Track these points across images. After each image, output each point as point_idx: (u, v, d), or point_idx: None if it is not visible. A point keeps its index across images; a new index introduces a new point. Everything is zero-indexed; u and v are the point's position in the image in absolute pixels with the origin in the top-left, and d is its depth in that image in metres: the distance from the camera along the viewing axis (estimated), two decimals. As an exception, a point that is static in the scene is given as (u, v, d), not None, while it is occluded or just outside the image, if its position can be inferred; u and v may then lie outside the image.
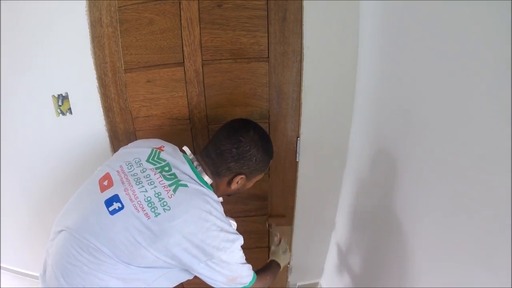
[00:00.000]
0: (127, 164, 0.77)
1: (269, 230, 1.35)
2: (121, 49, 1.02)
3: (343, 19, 1.02)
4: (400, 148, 0.86)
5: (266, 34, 1.01)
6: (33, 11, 0.97)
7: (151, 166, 0.77)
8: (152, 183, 0.73)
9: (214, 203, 0.75)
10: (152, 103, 1.09)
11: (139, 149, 0.82)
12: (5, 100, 1.10)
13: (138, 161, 0.78)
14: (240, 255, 0.79)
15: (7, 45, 1.02)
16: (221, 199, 0.83)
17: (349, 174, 1.25)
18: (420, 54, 0.73)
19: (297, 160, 1.21)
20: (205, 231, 0.70)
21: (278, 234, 1.20)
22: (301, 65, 1.06)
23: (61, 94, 1.08)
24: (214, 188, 0.81)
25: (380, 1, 0.90)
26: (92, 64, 1.03)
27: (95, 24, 0.99)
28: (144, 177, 0.74)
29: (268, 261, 1.10)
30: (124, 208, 0.69)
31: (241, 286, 0.81)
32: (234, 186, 0.82)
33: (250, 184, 0.87)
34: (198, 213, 0.71)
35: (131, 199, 0.70)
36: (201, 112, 1.10)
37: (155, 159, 0.79)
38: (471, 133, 0.58)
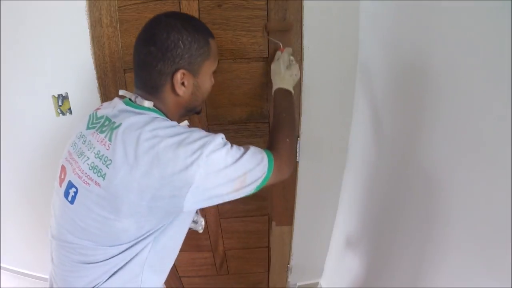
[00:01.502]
0: (72, 145, 0.69)
1: (269, 39, 0.99)
2: (121, 49, 1.02)
3: (343, 19, 1.02)
4: (400, 148, 0.86)
5: (266, 34, 1.01)
6: (33, 11, 0.97)
7: (92, 131, 0.66)
8: (92, 146, 0.63)
9: (158, 123, 0.61)
10: (152, 103, 1.09)
11: (80, 124, 0.72)
12: (5, 100, 1.10)
13: (80, 134, 0.68)
14: (224, 154, 0.61)
15: (7, 45, 1.01)
16: (186, 122, 0.74)
17: (349, 174, 1.25)
18: (420, 54, 0.73)
19: (297, 160, 1.21)
20: (158, 162, 0.56)
21: (280, 44, 0.94)
22: (301, 65, 1.06)
23: (61, 94, 1.08)
24: (162, 108, 0.67)
25: (380, 1, 0.90)
26: (92, 64, 1.03)
27: (95, 24, 0.99)
28: (85, 146, 0.65)
29: (272, 93, 0.87)
30: (78, 191, 0.61)
31: (261, 181, 0.66)
32: (181, 90, 0.66)
33: (203, 79, 0.70)
34: (140, 147, 0.57)
35: (79, 176, 0.62)
36: (201, 112, 1.10)
37: (93, 122, 0.68)
38: (471, 135, 0.58)
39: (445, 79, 0.64)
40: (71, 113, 1.10)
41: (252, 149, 0.67)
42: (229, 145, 0.64)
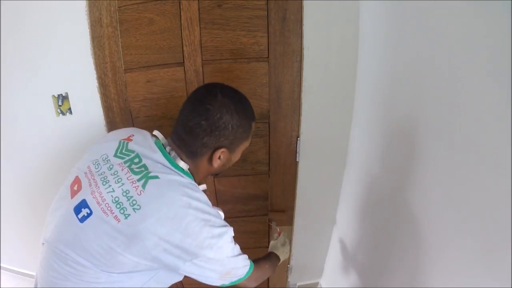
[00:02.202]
0: (94, 163, 0.70)
1: (269, 225, 1.33)
2: (121, 49, 1.02)
3: (343, 19, 1.02)
4: (400, 148, 0.86)
5: (266, 34, 1.01)
6: (33, 11, 0.97)
7: (119, 161, 0.68)
8: (120, 180, 0.65)
9: (193, 192, 0.66)
10: (152, 103, 1.09)
11: (107, 143, 0.74)
12: (5, 100, 1.10)
13: (106, 158, 0.70)
14: (230, 248, 0.71)
15: (7, 45, 1.01)
16: (204, 186, 0.77)
17: (349, 174, 1.25)
18: (421, 54, 0.73)
19: (297, 160, 1.21)
20: (184, 229, 0.62)
21: (278, 228, 1.17)
22: (301, 65, 1.06)
23: (61, 94, 1.08)
24: (194, 172, 0.73)
25: (380, 1, 0.90)
26: (92, 64, 1.03)
27: (95, 24, 0.99)
28: (111, 174, 0.66)
29: (268, 251, 1.05)
30: (92, 214, 0.63)
31: (237, 279, 0.75)
32: (216, 163, 0.72)
33: (236, 155, 0.77)
34: (173, 209, 0.62)
35: (98, 203, 0.63)
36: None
37: (123, 151, 0.70)
38: (472, 135, 0.58)
39: (446, 77, 0.64)
40: (71, 113, 1.10)
41: (245, 255, 0.77)
42: (233, 241, 0.73)
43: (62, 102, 1.09)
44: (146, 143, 0.71)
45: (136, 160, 0.68)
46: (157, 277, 0.69)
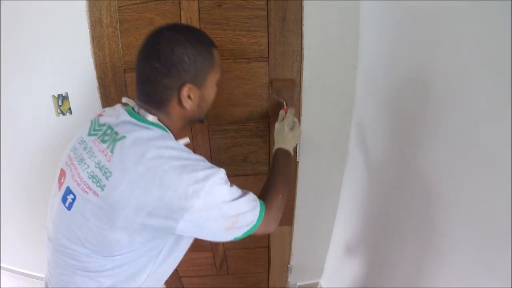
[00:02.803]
0: (72, 149, 0.68)
1: (272, 95, 1.04)
2: (121, 49, 1.02)
3: (343, 19, 1.02)
4: (400, 148, 0.86)
5: (266, 34, 1.01)
6: (33, 11, 0.97)
7: (93, 138, 0.65)
8: (93, 154, 0.62)
9: (163, 142, 0.61)
10: (152, 103, 1.09)
11: (81, 128, 0.71)
12: (5, 100, 1.10)
13: (81, 140, 0.67)
14: (225, 191, 0.63)
15: (7, 45, 1.01)
16: (187, 139, 0.72)
17: (349, 174, 1.25)
18: (421, 54, 0.73)
19: (297, 160, 1.21)
20: (160, 183, 0.57)
21: (284, 103, 0.96)
22: (301, 65, 1.06)
23: (61, 94, 1.08)
24: (167, 123, 0.68)
25: (380, 1, 0.90)
26: (92, 64, 1.03)
27: (95, 24, 0.99)
28: (86, 153, 0.64)
29: (273, 151, 0.88)
30: (76, 198, 0.61)
31: (249, 228, 0.66)
32: (187, 103, 0.66)
33: (209, 91, 0.70)
34: (143, 165, 0.57)
35: (78, 184, 0.61)
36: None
37: (95, 128, 0.67)
38: (471, 135, 0.58)
39: (447, 77, 0.64)
40: (71, 113, 1.10)
41: (250, 195, 0.68)
42: (229, 183, 0.66)
43: (62, 102, 1.09)
44: (115, 113, 0.68)
45: (109, 131, 0.64)
46: (165, 248, 0.66)
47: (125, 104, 0.71)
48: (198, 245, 1.36)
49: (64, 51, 1.02)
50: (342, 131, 1.20)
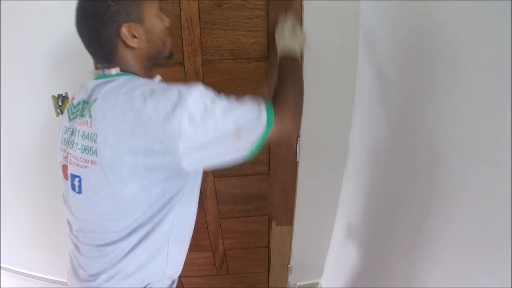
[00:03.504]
0: (62, 142, 0.70)
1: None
2: (121, 49, 1.01)
3: (343, 19, 1.02)
4: (400, 148, 0.86)
5: (266, 34, 1.01)
6: (33, 11, 0.97)
7: (74, 121, 0.67)
8: (78, 132, 0.63)
9: (132, 82, 0.61)
10: (152, 103, 1.09)
11: (62, 121, 0.72)
12: (5, 100, 1.10)
13: (66, 129, 0.69)
14: (211, 102, 0.58)
15: (7, 45, 1.01)
16: (158, 77, 0.71)
17: (349, 174, 1.25)
18: (421, 54, 0.73)
19: (297, 160, 1.21)
20: (140, 120, 0.56)
21: (283, 10, 0.89)
22: (301, 65, 1.06)
23: (61, 94, 1.08)
24: (131, 69, 0.67)
25: (380, 0, 0.90)
26: (92, 64, 1.03)
27: (95, 24, 0.98)
28: (73, 135, 0.65)
29: (277, 61, 0.81)
30: (81, 178, 0.63)
31: (259, 133, 0.60)
32: (134, 42, 0.64)
33: (152, 21, 0.67)
34: (119, 109, 0.57)
35: (77, 164, 0.63)
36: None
37: (73, 111, 0.68)
38: (472, 135, 0.58)
39: (447, 77, 0.64)
40: (71, 113, 1.10)
41: (248, 99, 0.62)
42: (214, 93, 0.61)
43: (62, 102, 1.09)
44: (84, 87, 0.69)
45: (85, 106, 0.65)
46: (183, 186, 0.66)
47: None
48: (198, 245, 1.37)
49: (64, 51, 1.02)
50: (342, 131, 1.19)
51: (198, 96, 0.58)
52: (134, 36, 0.64)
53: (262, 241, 1.40)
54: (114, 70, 0.65)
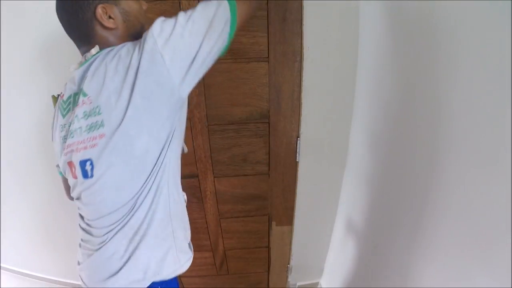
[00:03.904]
0: (62, 139, 0.70)
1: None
2: (121, 49, 1.02)
3: (343, 19, 1.02)
4: (399, 148, 0.86)
5: (266, 34, 1.01)
6: (33, 11, 0.97)
7: (68, 115, 0.68)
8: (77, 119, 0.64)
9: (112, 49, 0.63)
10: (152, 103, 1.09)
11: (54, 122, 0.74)
12: (5, 100, 1.10)
13: (62, 126, 0.70)
14: (174, 20, 0.60)
15: (7, 45, 1.02)
16: None
17: (349, 174, 1.25)
18: (421, 54, 0.73)
19: (297, 160, 1.21)
20: (130, 64, 0.59)
21: None
22: (301, 65, 1.06)
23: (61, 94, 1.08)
24: (112, 44, 0.67)
25: (380, 1, 0.90)
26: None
27: (95, 24, 0.99)
28: (72, 126, 0.66)
29: None
30: (92, 160, 0.63)
31: (230, 22, 0.63)
32: (111, 22, 0.66)
33: (128, 3, 0.69)
34: (110, 71, 0.60)
35: (85, 147, 0.63)
36: (201, 112, 1.10)
37: (64, 107, 0.69)
38: (471, 134, 0.58)
39: (447, 77, 0.64)
40: (71, 113, 1.10)
41: (201, 2, 0.65)
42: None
43: (62, 102, 1.09)
44: (71, 82, 0.70)
45: (76, 96, 0.66)
46: (175, 121, 0.66)
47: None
48: (198, 245, 1.37)
49: (64, 51, 1.02)
50: (342, 131, 1.20)
51: (163, 20, 0.61)
52: (110, 17, 0.66)
53: (262, 241, 1.40)
54: (94, 50, 0.66)
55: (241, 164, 1.20)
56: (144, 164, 0.63)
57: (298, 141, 1.18)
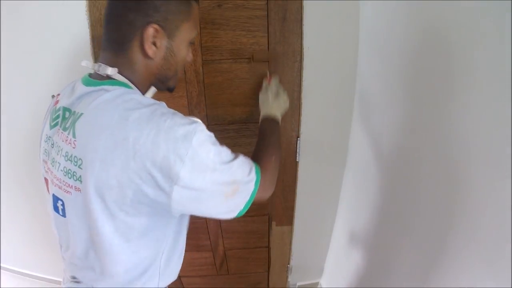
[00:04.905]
0: (44, 152, 0.62)
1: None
2: (121, 49, 1.01)
3: (343, 19, 1.02)
4: (400, 148, 0.86)
5: (266, 34, 1.01)
6: (33, 11, 0.97)
7: (55, 129, 0.57)
8: (60, 149, 0.54)
9: (126, 99, 0.52)
10: (152, 103, 1.09)
11: (44, 123, 0.65)
12: (5, 100, 1.10)
13: (47, 138, 0.61)
14: (214, 151, 0.53)
15: (7, 45, 1.01)
16: (154, 89, 0.63)
17: (349, 174, 1.25)
18: (421, 55, 0.73)
19: (297, 160, 1.21)
20: (135, 155, 0.48)
21: (267, 72, 0.96)
22: (301, 65, 1.06)
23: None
24: (131, 75, 0.58)
25: (380, 0, 0.90)
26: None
27: (95, 24, 0.99)
28: (54, 150, 0.57)
29: (259, 122, 0.82)
30: (64, 202, 0.56)
31: (249, 197, 0.59)
32: (151, 49, 0.56)
33: (178, 45, 0.60)
34: (109, 138, 0.49)
35: (59, 186, 0.55)
36: (201, 112, 1.10)
37: (53, 117, 0.59)
38: (471, 134, 0.58)
39: (447, 77, 0.64)
40: (71, 113, 1.10)
41: (242, 156, 0.59)
42: (217, 141, 0.55)
43: (62, 102, 1.09)
44: (68, 90, 0.60)
45: (66, 114, 0.56)
46: (168, 223, 0.60)
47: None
48: (198, 245, 1.37)
49: (64, 51, 1.02)
50: (342, 131, 1.20)
51: (202, 142, 0.51)
52: (154, 44, 0.57)
53: (262, 241, 1.40)
54: (111, 70, 0.55)
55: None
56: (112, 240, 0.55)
57: (298, 141, 1.18)
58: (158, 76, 0.62)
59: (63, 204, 0.56)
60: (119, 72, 0.56)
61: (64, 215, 0.57)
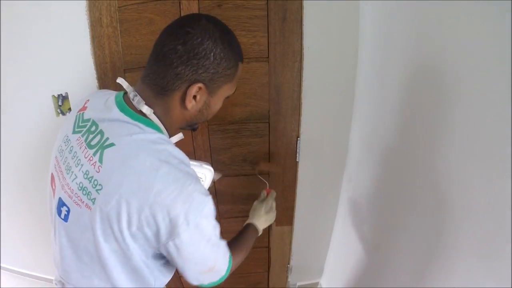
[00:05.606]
0: (59, 151, 0.62)
1: (256, 174, 1.12)
2: (121, 49, 1.01)
3: (343, 19, 1.02)
4: (400, 148, 0.86)
5: (266, 34, 1.01)
6: (33, 11, 0.97)
7: (77, 136, 0.59)
8: (79, 162, 0.56)
9: (158, 151, 0.55)
10: (152, 103, 1.09)
11: (67, 121, 0.64)
12: (5, 100, 1.10)
13: (66, 139, 0.61)
14: (212, 228, 0.58)
15: (7, 45, 1.01)
16: (180, 135, 0.65)
17: (349, 174, 1.25)
18: (421, 54, 0.73)
19: (297, 160, 1.21)
20: (153, 202, 0.51)
21: (267, 184, 1.04)
22: (301, 65, 1.06)
23: (61, 94, 1.08)
24: (164, 118, 0.60)
25: (380, 1, 0.90)
26: (92, 64, 1.03)
27: (95, 24, 0.99)
28: (72, 158, 0.58)
29: (245, 223, 0.92)
30: (70, 210, 0.57)
31: (219, 278, 0.66)
32: (191, 103, 0.58)
33: (216, 102, 0.63)
34: (136, 180, 0.52)
35: (70, 196, 0.57)
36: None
37: (80, 124, 0.60)
38: (471, 134, 0.58)
39: (447, 78, 0.64)
40: (71, 113, 1.10)
41: (224, 242, 0.66)
42: (214, 217, 0.60)
43: (62, 102, 1.09)
44: (101, 104, 0.61)
45: (93, 128, 0.57)
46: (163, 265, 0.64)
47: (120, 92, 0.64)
48: (198, 245, 1.37)
49: (64, 51, 1.02)
50: (342, 131, 1.20)
51: (209, 214, 0.57)
52: (194, 98, 0.59)
53: (262, 241, 1.40)
54: (147, 109, 0.57)
55: (241, 164, 1.20)
56: (105, 263, 0.57)
57: (298, 141, 1.18)
58: (189, 122, 0.65)
59: (68, 211, 0.58)
60: (154, 113, 0.58)
61: (65, 220, 0.59)
